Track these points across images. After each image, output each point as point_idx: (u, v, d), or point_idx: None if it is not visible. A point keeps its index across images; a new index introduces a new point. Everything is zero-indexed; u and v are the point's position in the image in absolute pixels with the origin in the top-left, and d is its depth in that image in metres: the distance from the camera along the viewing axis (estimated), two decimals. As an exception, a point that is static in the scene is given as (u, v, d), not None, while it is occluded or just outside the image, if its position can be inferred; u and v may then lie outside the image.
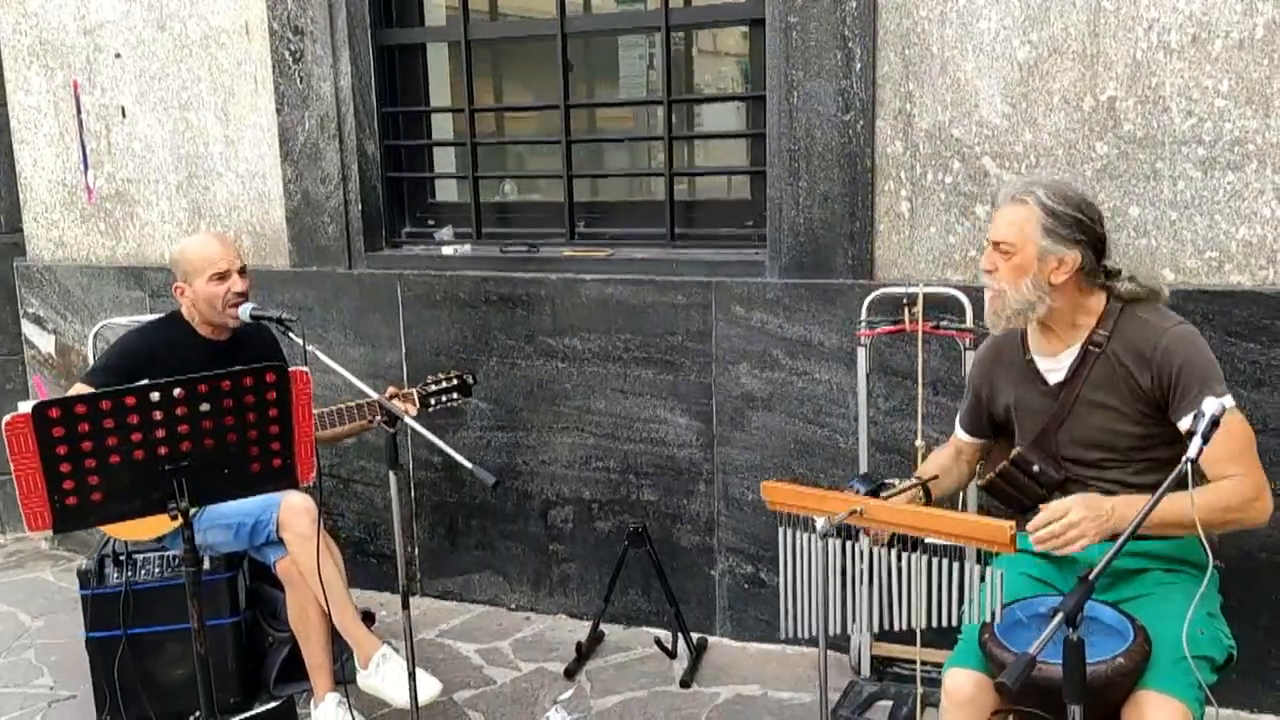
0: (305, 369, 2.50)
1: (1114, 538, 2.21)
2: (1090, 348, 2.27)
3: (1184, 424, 2.18)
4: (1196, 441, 1.90)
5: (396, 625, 2.84)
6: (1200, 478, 2.10)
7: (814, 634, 2.13)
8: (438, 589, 4.13)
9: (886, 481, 2.31)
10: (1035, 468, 2.34)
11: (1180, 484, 1.86)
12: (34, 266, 4.68)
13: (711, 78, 4.16)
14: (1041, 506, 2.13)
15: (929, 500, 2.44)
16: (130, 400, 2.29)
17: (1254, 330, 2.92)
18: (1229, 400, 2.11)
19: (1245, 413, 2.91)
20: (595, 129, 4.28)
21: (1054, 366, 2.33)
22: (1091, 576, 1.68)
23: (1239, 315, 2.93)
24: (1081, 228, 2.22)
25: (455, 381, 3.39)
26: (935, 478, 2.47)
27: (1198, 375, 2.16)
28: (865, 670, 3.33)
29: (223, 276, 3.15)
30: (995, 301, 2.29)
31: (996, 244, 2.27)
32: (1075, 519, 2.06)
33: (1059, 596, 2.12)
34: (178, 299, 3.23)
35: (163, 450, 2.34)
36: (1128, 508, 2.09)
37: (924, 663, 3.04)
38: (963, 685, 2.12)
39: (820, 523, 1.94)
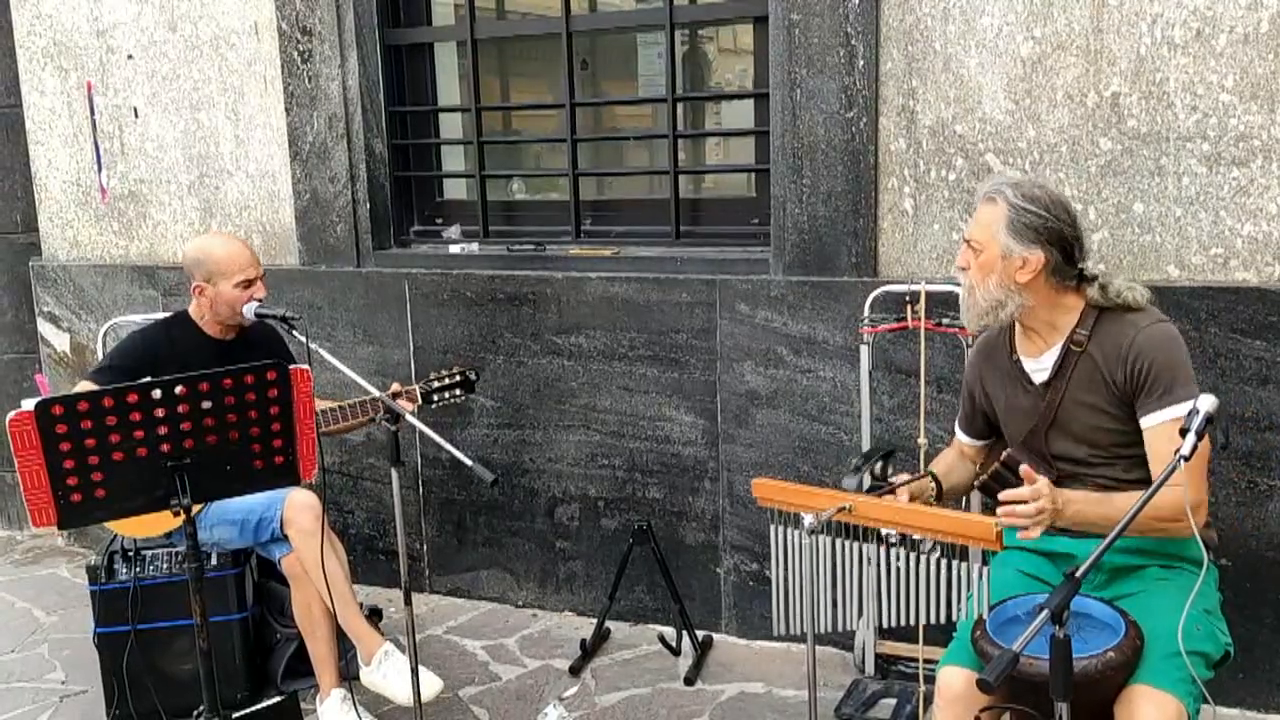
0: (306, 367, 2.52)
1: (1064, 531, 2.23)
2: (1071, 347, 2.26)
3: (1146, 422, 2.18)
4: (1190, 438, 1.89)
5: (403, 621, 2.86)
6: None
7: (805, 631, 2.14)
8: (446, 585, 4.15)
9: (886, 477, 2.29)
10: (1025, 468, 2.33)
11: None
12: (49, 266, 4.73)
13: (733, 76, 4.16)
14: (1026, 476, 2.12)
15: (940, 495, 2.43)
16: (133, 398, 2.31)
17: (1260, 327, 2.90)
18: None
19: (1251, 410, 2.93)
20: (612, 127, 4.29)
21: (1038, 367, 2.32)
22: (1078, 574, 1.68)
23: (1244, 312, 2.90)
24: (1047, 228, 2.20)
25: (458, 378, 3.40)
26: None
27: (1166, 374, 2.15)
28: (869, 668, 3.32)
29: (248, 283, 3.18)
30: (967, 299, 2.31)
31: (968, 241, 2.29)
32: (1045, 506, 2.06)
33: (1054, 594, 2.12)
34: (195, 298, 3.24)
35: (165, 447, 2.37)
36: (1077, 504, 2.13)
37: (927, 661, 3.04)
38: (955, 682, 2.11)
39: (808, 519, 1.94)
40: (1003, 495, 2.11)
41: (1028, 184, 2.26)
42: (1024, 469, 2.11)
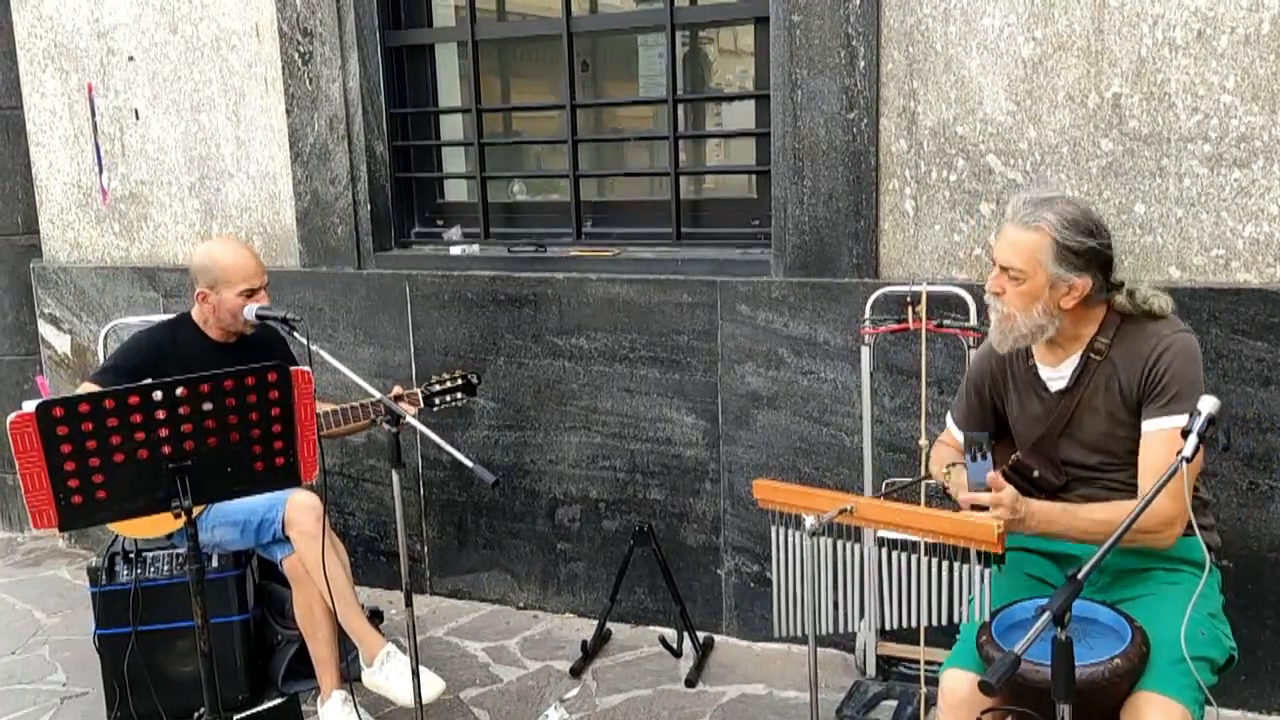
0: (307, 368, 2.52)
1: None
2: (1092, 355, 2.26)
3: (1146, 425, 2.18)
4: (1192, 440, 1.89)
5: (404, 623, 2.86)
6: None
7: (806, 632, 2.14)
8: (447, 587, 4.15)
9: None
10: (1035, 473, 2.33)
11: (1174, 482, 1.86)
12: (50, 267, 4.73)
13: (734, 77, 4.16)
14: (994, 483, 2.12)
15: None
16: (133, 399, 2.31)
17: (1261, 328, 2.89)
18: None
19: (1253, 411, 2.93)
20: (612, 128, 4.29)
21: (1055, 375, 2.32)
22: (1080, 575, 1.67)
23: (1245, 313, 2.90)
24: (1092, 253, 2.18)
25: (460, 381, 3.41)
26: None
27: (1177, 385, 2.15)
28: (871, 670, 3.32)
29: (251, 293, 3.18)
30: (1004, 324, 2.26)
31: (1006, 269, 2.23)
32: (999, 515, 2.07)
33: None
34: (198, 303, 3.25)
35: (166, 449, 2.37)
36: (1039, 515, 2.15)
37: (929, 662, 3.03)
38: (958, 686, 2.11)
39: (809, 521, 1.94)
40: (963, 498, 2.10)
41: (1071, 210, 2.20)
42: (991, 476, 2.11)
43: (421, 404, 3.35)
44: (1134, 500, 2.17)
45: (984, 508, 2.09)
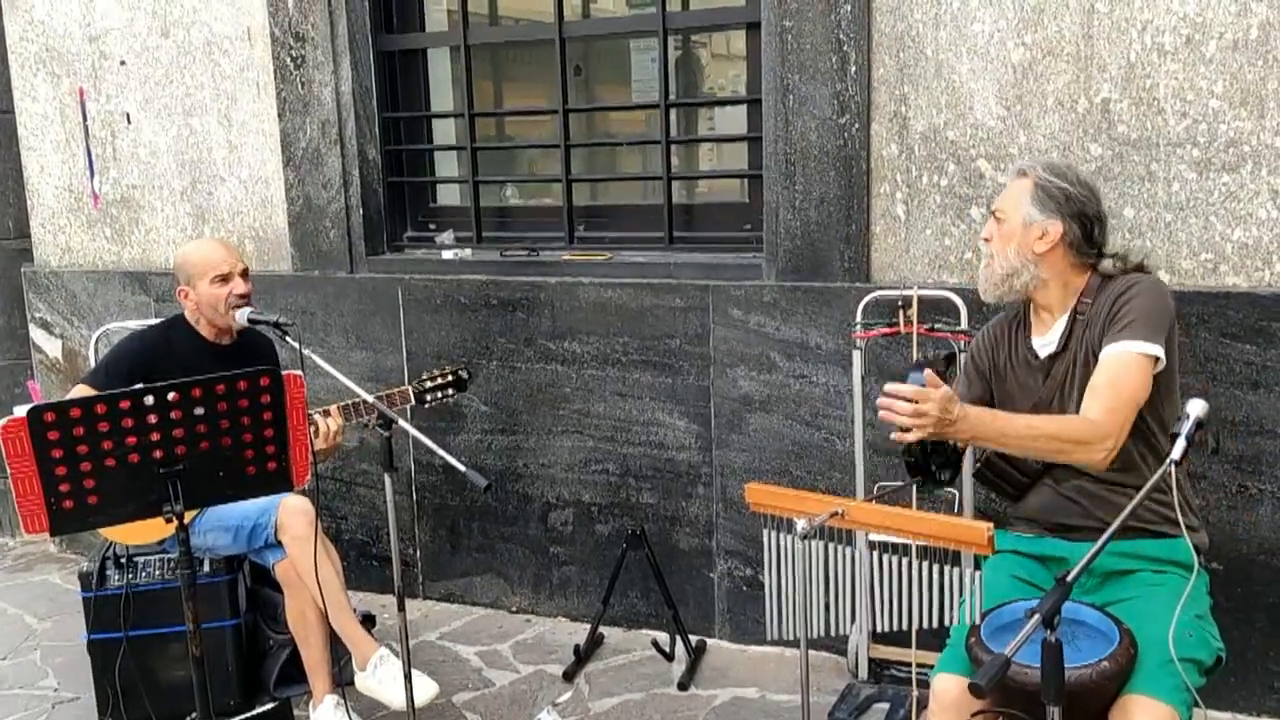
0: (299, 373, 2.52)
1: (1057, 533, 2.26)
2: (1078, 316, 2.32)
3: (1104, 352, 2.20)
4: (1180, 444, 1.90)
5: (397, 627, 2.86)
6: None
7: (798, 635, 2.14)
8: (439, 591, 4.15)
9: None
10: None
11: (1160, 487, 1.87)
12: (41, 272, 4.72)
13: (726, 81, 4.17)
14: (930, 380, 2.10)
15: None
16: (125, 404, 2.31)
17: (1250, 332, 2.91)
18: (1153, 348, 2.17)
19: (1242, 414, 2.94)
20: (606, 132, 4.29)
21: (1045, 342, 2.38)
22: (1069, 578, 1.68)
23: (1234, 317, 2.92)
24: (1069, 201, 2.29)
25: (450, 377, 3.40)
26: None
27: (1133, 313, 2.20)
28: (863, 673, 3.33)
29: (225, 279, 3.18)
30: (986, 268, 2.39)
31: (994, 212, 2.39)
32: (928, 410, 2.07)
33: (1046, 599, 2.12)
34: (182, 303, 3.26)
35: (158, 453, 2.36)
36: (977, 420, 2.14)
37: (920, 665, 3.04)
38: (950, 689, 2.12)
39: (800, 524, 1.95)
40: (887, 388, 2.11)
41: (1059, 163, 2.40)
42: (928, 374, 2.10)
43: (413, 401, 3.34)
44: (1077, 419, 2.17)
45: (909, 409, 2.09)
